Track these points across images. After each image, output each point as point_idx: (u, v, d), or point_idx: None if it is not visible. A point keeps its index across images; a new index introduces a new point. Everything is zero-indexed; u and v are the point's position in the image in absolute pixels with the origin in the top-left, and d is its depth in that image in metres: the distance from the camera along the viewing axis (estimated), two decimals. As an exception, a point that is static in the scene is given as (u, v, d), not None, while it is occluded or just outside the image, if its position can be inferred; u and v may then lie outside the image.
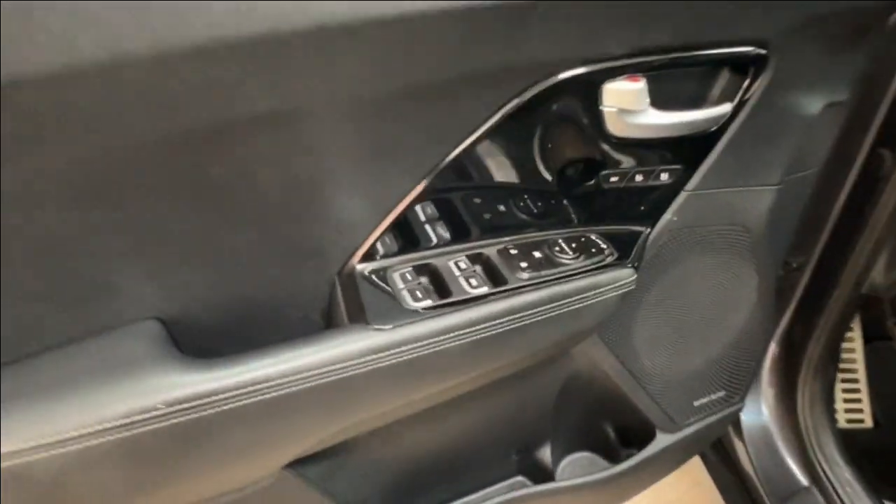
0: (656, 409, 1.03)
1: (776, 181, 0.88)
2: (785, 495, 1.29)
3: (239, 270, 0.66)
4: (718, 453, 1.36)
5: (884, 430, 1.54)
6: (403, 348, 0.66)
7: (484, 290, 0.72)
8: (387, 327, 0.66)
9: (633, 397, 1.01)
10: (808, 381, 1.34)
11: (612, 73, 0.69)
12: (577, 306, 0.76)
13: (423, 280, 0.73)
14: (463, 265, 0.75)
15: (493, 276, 0.74)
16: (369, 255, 0.72)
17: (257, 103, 0.53)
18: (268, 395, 0.60)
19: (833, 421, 1.37)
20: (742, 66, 0.76)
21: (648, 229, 0.86)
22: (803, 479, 1.31)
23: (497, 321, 0.70)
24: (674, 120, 0.74)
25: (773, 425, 1.34)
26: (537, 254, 0.77)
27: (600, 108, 0.71)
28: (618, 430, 1.13)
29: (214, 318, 0.68)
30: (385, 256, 0.73)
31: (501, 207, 0.80)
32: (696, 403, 1.08)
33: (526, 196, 0.80)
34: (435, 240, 0.76)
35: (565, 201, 0.83)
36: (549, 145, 0.75)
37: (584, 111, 0.72)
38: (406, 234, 0.75)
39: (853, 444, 1.33)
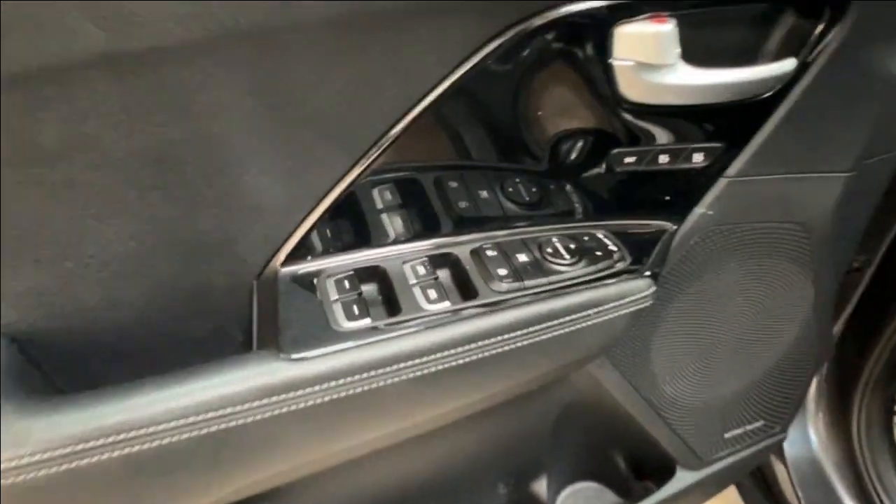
0: (677, 442, 0.85)
1: (848, 167, 0.67)
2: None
3: (119, 270, 0.50)
4: (756, 481, 1.17)
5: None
6: (324, 386, 0.48)
7: (446, 305, 0.54)
8: (303, 356, 0.48)
9: (650, 428, 0.82)
10: (865, 401, 1.14)
11: (629, 11, 0.49)
12: (573, 328, 0.57)
13: (367, 290, 0.55)
14: (422, 270, 0.57)
15: (462, 287, 0.56)
16: (298, 254, 0.55)
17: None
18: (126, 450, 0.44)
19: (893, 446, 1.16)
20: (813, 9, 0.56)
21: (674, 226, 0.66)
22: (857, 508, 1.11)
23: (460, 349, 0.53)
24: (714, 80, 0.54)
25: (821, 452, 1.14)
26: (522, 257, 0.59)
27: (610, 60, 0.52)
28: (630, 461, 0.95)
29: (90, 334, 0.52)
30: (319, 255, 0.56)
31: (478, 193, 0.62)
32: (727, 435, 0.89)
33: (509, 178, 0.62)
34: (387, 235, 0.58)
35: (563, 187, 0.64)
36: (540, 111, 0.56)
37: (587, 64, 0.53)
38: (348, 226, 0.58)
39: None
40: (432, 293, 0.55)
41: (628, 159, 0.60)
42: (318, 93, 0.48)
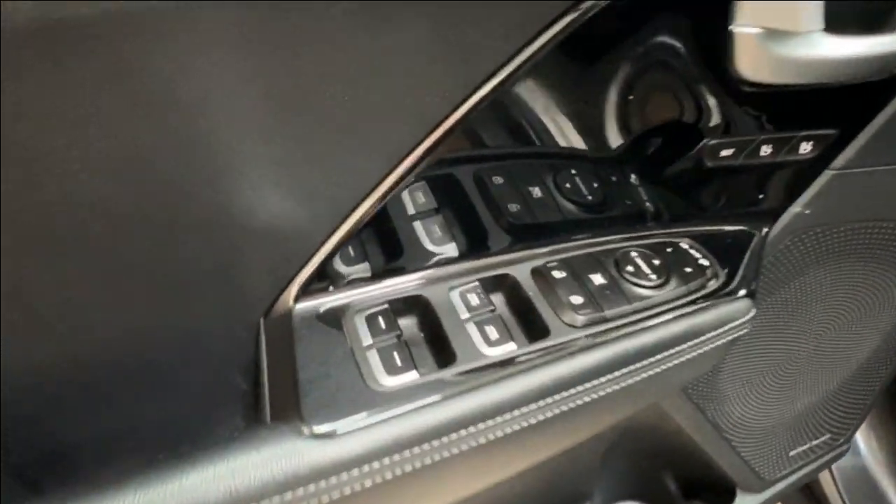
0: (740, 464, 0.75)
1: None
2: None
3: (81, 316, 0.37)
4: (801, 492, 1.08)
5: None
6: (364, 470, 0.36)
7: (511, 348, 0.42)
8: (334, 430, 0.36)
9: (711, 451, 0.72)
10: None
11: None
12: (664, 367, 0.46)
13: (407, 327, 0.43)
14: (475, 300, 0.44)
15: (527, 320, 0.44)
16: (316, 284, 0.43)
17: None
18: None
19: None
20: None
21: (765, 230, 0.55)
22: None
23: (534, 406, 0.41)
24: (862, 52, 0.42)
25: (868, 455, 1.05)
26: (598, 278, 0.47)
27: (731, 27, 0.39)
28: (680, 481, 0.85)
29: (55, 400, 0.39)
30: (343, 285, 0.44)
31: (528, 190, 0.50)
32: (792, 453, 0.79)
33: (578, 177, 0.50)
34: (425, 252, 0.46)
35: (632, 185, 0.52)
36: (630, 96, 0.44)
37: (696, 33, 0.40)
38: (379, 243, 0.46)
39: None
40: (492, 332, 0.43)
41: (725, 152, 0.48)
42: (345, 78, 0.35)
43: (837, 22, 0.42)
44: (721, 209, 0.53)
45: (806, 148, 0.50)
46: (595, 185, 0.53)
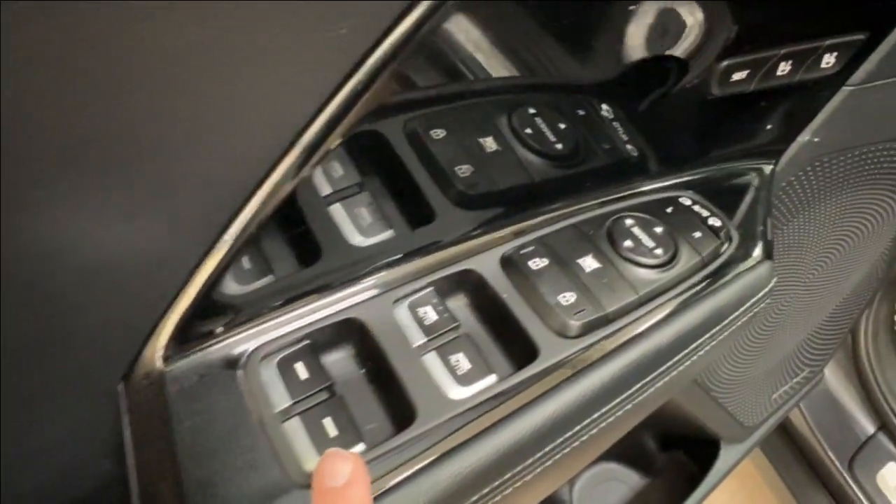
0: (725, 418, 0.68)
1: None
2: (852, 452, 1.01)
3: None
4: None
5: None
6: None
7: (490, 381, 0.30)
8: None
9: (697, 411, 0.65)
10: (874, 306, 1.03)
11: None
12: (683, 367, 0.35)
13: (340, 374, 0.30)
14: (431, 314, 0.32)
15: (506, 337, 0.32)
16: (198, 324, 0.29)
17: None
18: None
19: (896, 348, 1.08)
20: None
21: (770, 166, 0.44)
22: (870, 427, 1.03)
23: (527, 463, 0.29)
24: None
25: (837, 386, 1.03)
26: (590, 262, 0.35)
27: None
28: (659, 438, 0.78)
29: None
30: (239, 320, 0.30)
31: (492, 147, 0.38)
32: (774, 395, 0.73)
33: (540, 117, 0.37)
34: (355, 247, 0.33)
35: (622, 125, 0.40)
36: (617, 20, 0.31)
37: None
38: (285, 245, 0.32)
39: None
40: (461, 362, 0.30)
41: (738, 75, 0.36)
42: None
43: None
44: (722, 149, 0.42)
45: (829, 61, 0.39)
46: (562, 126, 0.40)
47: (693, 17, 0.34)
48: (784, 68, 0.38)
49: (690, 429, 0.71)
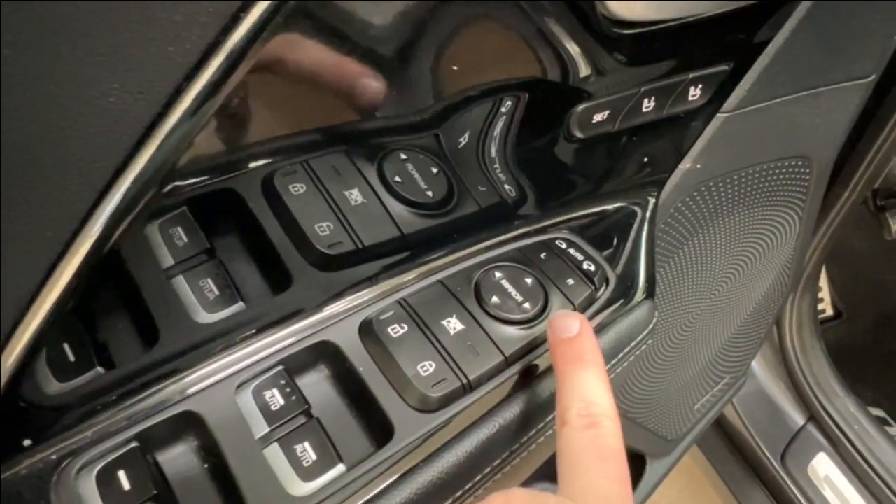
0: (646, 436, 0.68)
1: (871, 69, 0.47)
2: (784, 445, 1.03)
3: None
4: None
5: (847, 320, 1.32)
6: None
7: (337, 473, 0.28)
8: None
9: (616, 433, 0.64)
10: (797, 300, 1.05)
11: None
12: (552, 430, 0.34)
13: (176, 476, 0.28)
14: (278, 398, 0.30)
15: (361, 417, 0.30)
16: None
17: None
18: None
19: (822, 340, 1.10)
20: None
21: (651, 199, 0.44)
22: (800, 419, 1.06)
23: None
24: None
25: (767, 381, 1.05)
26: (454, 324, 0.33)
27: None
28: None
29: None
30: (58, 427, 0.27)
31: (357, 200, 0.36)
32: (696, 406, 0.73)
33: (411, 163, 0.36)
34: (200, 325, 0.31)
35: (497, 168, 0.39)
36: (455, 64, 0.29)
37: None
38: (115, 329, 0.30)
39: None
40: (307, 452, 0.28)
41: (599, 116, 0.35)
42: None
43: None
44: (598, 187, 0.41)
45: (696, 93, 0.38)
46: (434, 171, 0.38)
47: (548, 63, 0.33)
48: (648, 105, 0.37)
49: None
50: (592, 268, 0.37)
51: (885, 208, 1.05)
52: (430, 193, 0.38)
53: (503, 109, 0.37)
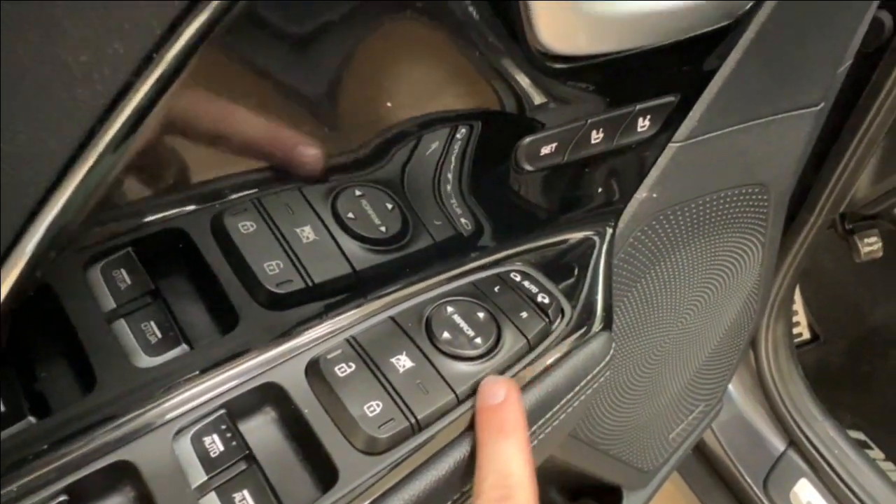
0: (621, 468, 0.67)
1: (819, 97, 0.47)
2: (765, 472, 1.03)
3: None
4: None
5: (824, 343, 1.33)
6: None
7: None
8: None
9: (590, 466, 0.63)
10: (771, 325, 1.05)
11: None
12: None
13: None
14: (218, 444, 0.29)
15: (305, 461, 0.29)
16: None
17: None
18: None
19: (798, 364, 1.10)
20: None
21: (609, 229, 0.44)
22: (780, 444, 1.05)
23: None
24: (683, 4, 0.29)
25: (746, 406, 1.05)
26: (403, 361, 0.32)
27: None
28: (564, 491, 0.76)
29: None
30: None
31: (309, 237, 0.35)
32: (671, 436, 0.73)
33: (366, 199, 0.35)
34: (140, 369, 0.30)
35: (452, 200, 0.39)
36: (389, 100, 0.29)
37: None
38: (49, 376, 0.29)
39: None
40: (245, 501, 0.27)
41: (547, 148, 0.35)
42: None
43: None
44: (554, 218, 0.41)
45: (644, 124, 0.38)
46: (389, 206, 0.38)
47: (492, 97, 0.33)
48: (597, 136, 0.37)
49: (590, 480, 0.69)
50: (547, 300, 0.37)
51: (853, 231, 1.07)
52: (383, 229, 0.37)
53: (456, 142, 0.37)
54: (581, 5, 0.26)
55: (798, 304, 1.32)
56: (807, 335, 1.36)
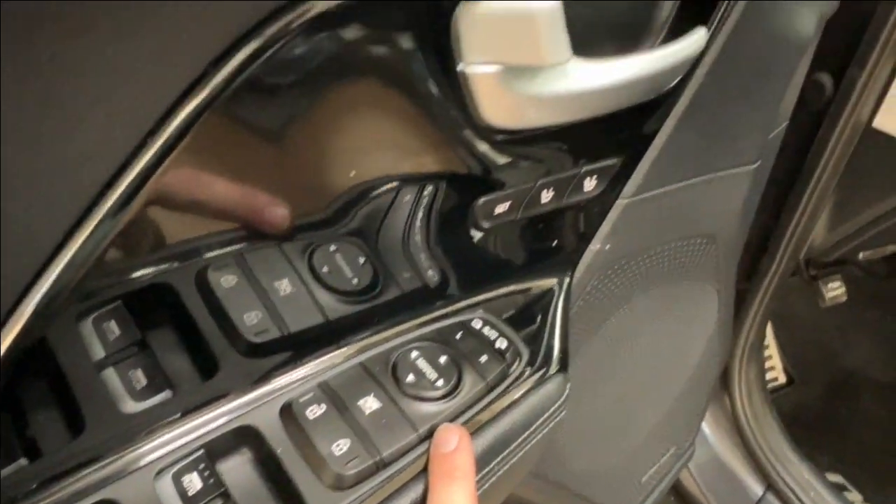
0: (595, 511, 0.68)
1: (755, 157, 0.52)
2: (745, 515, 1.04)
3: None
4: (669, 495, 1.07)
5: (800, 386, 1.35)
6: None
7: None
8: None
9: (563, 509, 0.65)
10: (744, 369, 1.08)
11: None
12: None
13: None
14: (196, 482, 0.31)
15: (281, 499, 0.32)
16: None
17: None
18: None
19: (773, 408, 1.13)
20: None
21: (567, 277, 0.47)
22: (758, 488, 1.06)
23: None
24: (619, 77, 0.34)
25: (722, 449, 1.07)
26: (370, 402, 0.35)
27: (459, 67, 0.29)
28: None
29: None
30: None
31: (286, 290, 0.38)
32: (644, 479, 0.74)
33: (339, 254, 0.39)
34: (125, 415, 0.32)
35: (421, 254, 0.42)
36: (354, 168, 0.33)
37: (420, 75, 0.30)
38: (38, 421, 0.32)
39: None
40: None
41: (500, 208, 0.39)
42: None
43: (584, 44, 0.34)
44: (513, 269, 0.45)
45: (591, 185, 0.43)
46: (361, 260, 0.41)
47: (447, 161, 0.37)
48: (548, 195, 0.41)
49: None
50: (505, 345, 0.40)
51: (817, 277, 1.11)
52: (355, 282, 0.41)
53: (423, 200, 0.40)
54: (517, 86, 0.30)
55: (772, 349, 1.35)
56: (782, 379, 1.38)
